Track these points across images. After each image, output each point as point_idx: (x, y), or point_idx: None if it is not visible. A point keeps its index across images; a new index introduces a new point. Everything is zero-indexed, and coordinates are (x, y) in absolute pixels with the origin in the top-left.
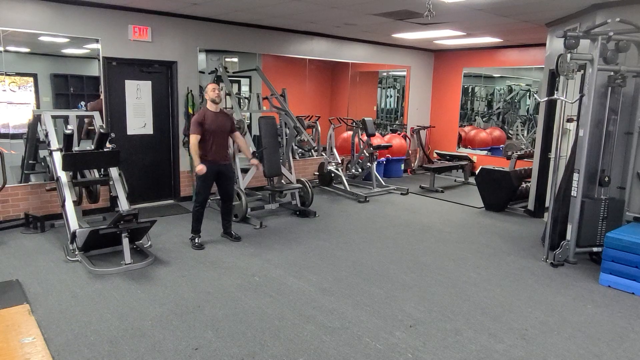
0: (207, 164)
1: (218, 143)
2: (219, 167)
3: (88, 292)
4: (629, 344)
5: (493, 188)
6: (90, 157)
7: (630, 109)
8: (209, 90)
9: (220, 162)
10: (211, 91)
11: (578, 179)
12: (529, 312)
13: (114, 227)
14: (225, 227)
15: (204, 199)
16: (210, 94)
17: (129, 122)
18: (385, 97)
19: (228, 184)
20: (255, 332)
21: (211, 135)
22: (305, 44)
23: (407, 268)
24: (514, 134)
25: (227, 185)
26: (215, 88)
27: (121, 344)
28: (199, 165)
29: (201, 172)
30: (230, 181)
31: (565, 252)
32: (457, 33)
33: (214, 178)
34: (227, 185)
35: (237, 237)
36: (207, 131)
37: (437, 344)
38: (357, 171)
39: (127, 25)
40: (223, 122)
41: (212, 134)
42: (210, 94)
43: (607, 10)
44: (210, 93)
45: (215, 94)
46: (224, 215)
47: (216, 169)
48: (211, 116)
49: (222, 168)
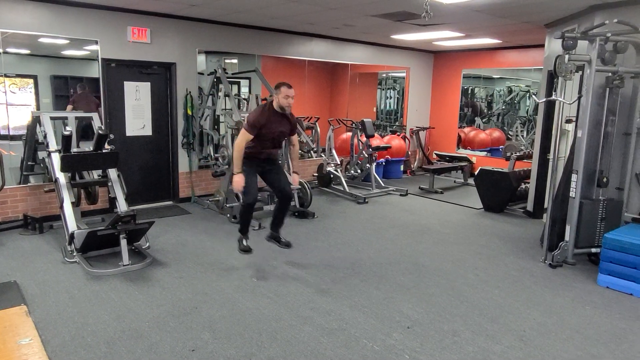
0: (250, 164)
1: (271, 146)
2: (263, 165)
3: (85, 293)
4: (627, 345)
5: (492, 189)
6: (89, 159)
7: (628, 110)
8: (281, 95)
9: (265, 161)
10: (283, 97)
11: (576, 180)
12: (527, 313)
13: (112, 228)
14: (274, 228)
15: (254, 199)
16: (282, 100)
17: (128, 123)
18: (385, 98)
19: (280, 176)
20: (253, 333)
21: (267, 140)
22: (305, 45)
23: (405, 269)
24: (514, 135)
25: (279, 179)
26: (288, 95)
27: (118, 345)
28: (237, 176)
29: (237, 186)
30: (280, 173)
31: (564, 253)
32: (456, 34)
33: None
34: (279, 179)
35: (287, 243)
36: (264, 135)
37: (435, 345)
38: (356, 172)
39: (126, 27)
40: (286, 127)
41: (269, 139)
42: (281, 100)
43: (606, 11)
44: (282, 100)
45: (287, 102)
46: (277, 216)
47: (260, 169)
48: (274, 120)
49: (267, 164)
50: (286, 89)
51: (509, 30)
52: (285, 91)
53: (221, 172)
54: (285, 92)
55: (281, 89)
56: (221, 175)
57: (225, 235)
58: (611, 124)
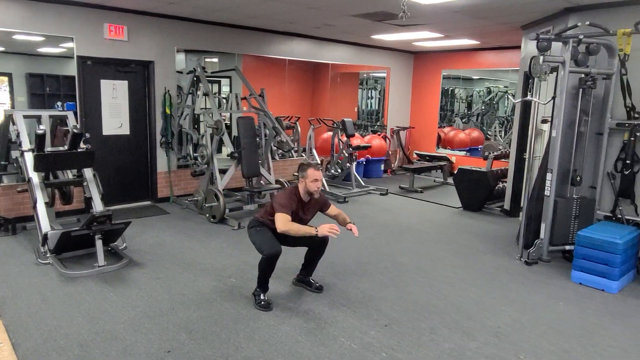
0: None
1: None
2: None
3: (59, 295)
4: (598, 339)
5: (471, 188)
6: (64, 158)
7: (600, 110)
8: (309, 179)
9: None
10: (311, 182)
11: (551, 179)
12: (503, 310)
13: (86, 228)
14: (306, 273)
15: (277, 251)
16: (310, 185)
17: (105, 122)
18: (366, 98)
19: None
20: (230, 333)
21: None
22: (285, 44)
23: (384, 268)
24: (492, 134)
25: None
26: (317, 179)
27: (92, 348)
28: (323, 228)
29: (332, 231)
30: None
31: (539, 250)
32: (435, 35)
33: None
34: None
35: (319, 287)
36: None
37: (412, 342)
38: (337, 172)
39: (102, 24)
40: (315, 210)
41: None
42: (309, 185)
43: (579, 14)
44: (310, 184)
45: (315, 186)
46: (314, 260)
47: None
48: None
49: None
50: (313, 171)
51: (487, 32)
52: (313, 174)
53: (200, 172)
54: (313, 176)
55: (308, 172)
56: (200, 174)
57: (204, 235)
58: (584, 124)
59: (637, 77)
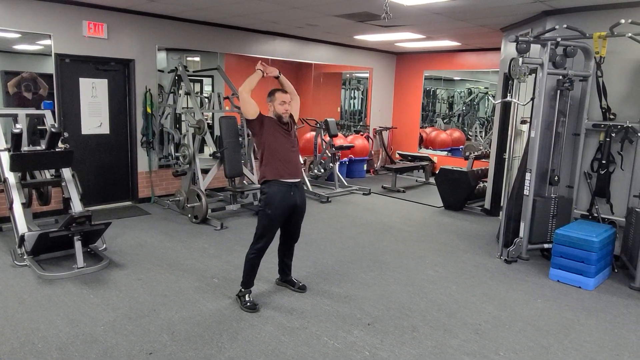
0: (279, 192)
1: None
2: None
3: (37, 297)
4: (575, 335)
5: (452, 188)
6: (41, 158)
7: (577, 112)
8: (277, 102)
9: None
10: (279, 104)
11: (530, 179)
12: (483, 307)
13: (65, 229)
14: (286, 271)
15: (265, 246)
16: (278, 108)
17: (84, 121)
18: (349, 98)
19: (301, 218)
20: (213, 334)
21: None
22: (268, 44)
23: (366, 267)
24: (473, 135)
25: (299, 221)
26: (284, 101)
27: (71, 351)
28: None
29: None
30: (303, 214)
31: (518, 249)
32: (417, 36)
33: (288, 214)
34: (299, 221)
35: (302, 287)
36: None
37: (394, 340)
38: (320, 172)
39: (81, 21)
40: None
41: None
42: (277, 107)
43: (557, 17)
44: (279, 107)
45: (283, 109)
46: (285, 258)
47: (292, 202)
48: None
49: (298, 198)
50: (281, 94)
51: (468, 33)
52: (280, 97)
53: (182, 172)
54: (281, 98)
55: (275, 95)
56: (182, 174)
57: (185, 235)
58: (562, 124)
59: (612, 79)
